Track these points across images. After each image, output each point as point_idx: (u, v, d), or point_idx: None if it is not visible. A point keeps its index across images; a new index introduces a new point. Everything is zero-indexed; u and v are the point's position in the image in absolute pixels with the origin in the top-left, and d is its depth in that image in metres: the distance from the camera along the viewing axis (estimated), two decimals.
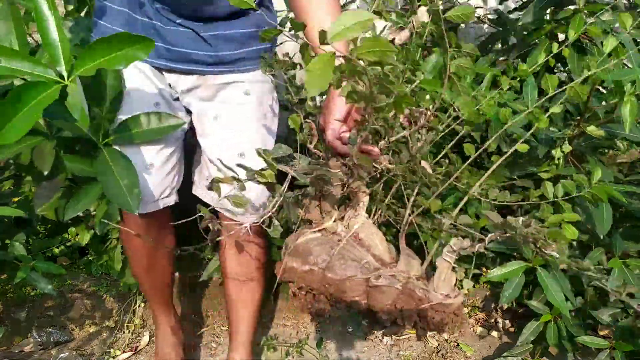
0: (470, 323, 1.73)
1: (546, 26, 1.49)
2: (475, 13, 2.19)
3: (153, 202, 1.15)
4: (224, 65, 1.14)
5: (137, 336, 1.64)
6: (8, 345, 1.56)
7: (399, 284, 0.83)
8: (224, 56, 1.13)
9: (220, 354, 1.60)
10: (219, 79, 1.15)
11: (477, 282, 1.80)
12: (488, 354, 1.60)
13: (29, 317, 1.65)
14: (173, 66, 1.12)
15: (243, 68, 1.16)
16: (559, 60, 1.66)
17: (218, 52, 1.12)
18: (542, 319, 1.31)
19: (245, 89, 1.17)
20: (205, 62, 1.12)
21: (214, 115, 1.17)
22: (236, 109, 1.17)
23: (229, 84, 1.16)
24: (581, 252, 1.38)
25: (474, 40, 2.08)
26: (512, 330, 1.69)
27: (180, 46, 1.10)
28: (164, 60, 1.11)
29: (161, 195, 1.16)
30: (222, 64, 1.14)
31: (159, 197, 1.15)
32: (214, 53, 1.12)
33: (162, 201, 1.17)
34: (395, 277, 0.83)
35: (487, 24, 2.20)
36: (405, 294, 0.83)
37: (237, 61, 1.15)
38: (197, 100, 1.18)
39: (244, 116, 1.18)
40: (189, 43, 1.10)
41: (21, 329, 1.61)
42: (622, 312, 1.34)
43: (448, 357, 1.58)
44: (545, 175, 1.23)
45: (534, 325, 1.34)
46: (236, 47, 1.13)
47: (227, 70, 1.15)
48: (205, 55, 1.11)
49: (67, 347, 1.58)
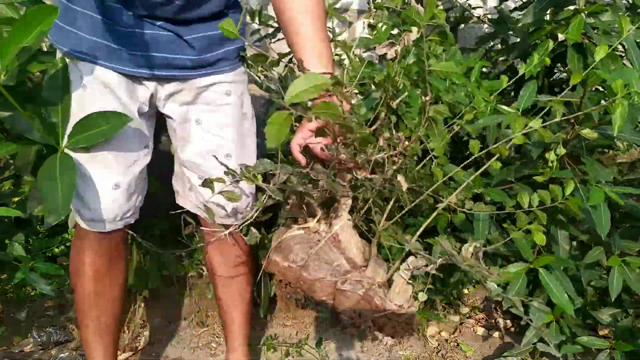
0: (470, 323, 1.73)
1: (546, 26, 1.49)
2: (475, 13, 2.20)
3: (115, 221, 1.12)
4: (205, 67, 1.14)
5: (137, 336, 1.64)
6: (8, 345, 1.57)
7: (361, 290, 0.91)
8: (206, 58, 1.12)
9: (220, 354, 1.60)
10: (200, 81, 1.15)
11: (477, 282, 1.80)
12: (488, 354, 1.61)
13: (29, 317, 1.65)
14: (154, 74, 1.10)
15: (223, 68, 1.16)
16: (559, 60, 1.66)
17: (200, 55, 1.11)
18: (545, 319, 1.31)
19: (226, 89, 1.17)
20: (186, 66, 1.11)
21: (196, 118, 1.17)
22: (219, 110, 1.17)
23: (210, 85, 1.16)
24: (581, 251, 1.38)
25: (474, 40, 2.08)
26: (512, 330, 1.69)
27: (161, 52, 1.08)
28: (144, 69, 1.09)
29: (124, 215, 1.13)
30: (203, 66, 1.13)
31: (123, 216, 1.13)
32: (195, 57, 1.11)
33: (124, 220, 1.14)
34: (360, 283, 0.92)
35: (487, 24, 2.20)
36: (365, 299, 0.91)
37: (217, 62, 1.15)
38: (178, 105, 1.17)
39: (227, 117, 1.18)
40: (170, 48, 1.08)
41: (21, 329, 1.61)
42: (622, 312, 1.34)
43: (448, 357, 1.58)
44: (539, 178, 1.23)
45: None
46: (217, 48, 1.13)
47: (208, 72, 1.14)
48: (187, 59, 1.10)
49: (67, 347, 1.58)
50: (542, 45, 1.46)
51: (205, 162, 1.17)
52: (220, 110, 1.18)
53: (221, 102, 1.17)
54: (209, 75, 1.15)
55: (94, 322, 1.23)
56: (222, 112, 1.18)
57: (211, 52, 1.13)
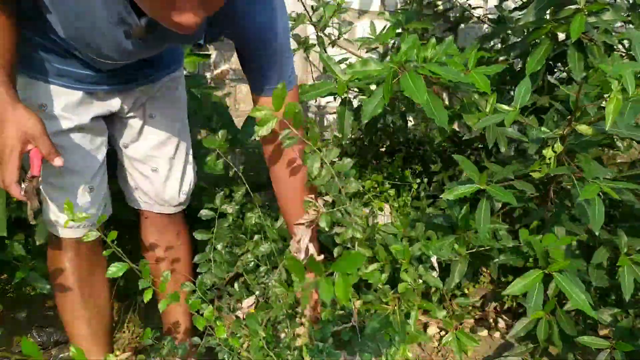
0: (470, 323, 1.73)
1: (546, 26, 1.49)
2: (475, 13, 2.20)
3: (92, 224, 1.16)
4: (162, 73, 1.20)
5: (137, 336, 1.64)
6: (8, 345, 1.56)
7: None
8: (163, 67, 1.20)
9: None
10: (157, 85, 1.20)
11: (477, 283, 1.80)
12: (488, 354, 1.60)
13: (29, 317, 1.65)
14: (114, 88, 1.12)
15: (174, 67, 1.24)
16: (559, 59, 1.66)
17: (159, 70, 1.19)
18: (534, 316, 1.30)
19: (176, 85, 1.26)
20: (146, 77, 1.17)
21: (149, 114, 1.22)
22: (172, 105, 1.26)
23: (165, 84, 1.22)
24: (582, 251, 1.37)
25: (474, 40, 2.08)
26: None
27: (120, 72, 1.10)
28: (104, 86, 1.11)
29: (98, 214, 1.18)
30: (161, 73, 1.20)
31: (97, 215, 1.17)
32: (155, 72, 1.18)
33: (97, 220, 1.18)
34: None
35: (487, 23, 2.20)
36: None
37: (171, 64, 1.22)
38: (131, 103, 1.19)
39: (177, 109, 1.28)
40: (131, 70, 1.12)
41: (21, 329, 1.61)
42: (622, 312, 1.34)
43: (448, 357, 1.58)
44: (536, 175, 1.23)
45: (525, 321, 1.34)
46: (172, 53, 1.22)
47: (163, 74, 1.21)
48: (146, 72, 1.16)
49: (67, 347, 1.58)
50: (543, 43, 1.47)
51: (159, 153, 1.25)
52: (174, 105, 1.26)
53: (173, 98, 1.25)
54: (165, 76, 1.21)
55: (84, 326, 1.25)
56: (172, 105, 1.26)
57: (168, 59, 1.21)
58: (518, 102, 1.20)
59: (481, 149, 1.97)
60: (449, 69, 1.15)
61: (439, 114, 1.14)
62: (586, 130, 1.06)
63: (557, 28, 1.46)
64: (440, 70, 1.13)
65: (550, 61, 1.70)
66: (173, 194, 1.29)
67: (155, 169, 1.25)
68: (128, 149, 1.24)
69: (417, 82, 1.12)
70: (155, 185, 1.27)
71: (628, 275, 1.21)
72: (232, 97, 2.51)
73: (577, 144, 1.26)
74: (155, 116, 1.22)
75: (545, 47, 1.48)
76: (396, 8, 2.53)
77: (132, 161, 1.25)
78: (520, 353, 1.40)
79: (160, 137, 1.24)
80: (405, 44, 1.20)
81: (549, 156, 1.17)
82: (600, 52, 1.41)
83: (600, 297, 1.43)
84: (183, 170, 1.30)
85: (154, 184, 1.27)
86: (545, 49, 1.48)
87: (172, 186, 1.28)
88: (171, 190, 1.28)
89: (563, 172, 1.18)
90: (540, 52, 1.47)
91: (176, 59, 1.25)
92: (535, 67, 1.48)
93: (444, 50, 1.24)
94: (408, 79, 1.13)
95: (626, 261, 1.20)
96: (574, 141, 1.25)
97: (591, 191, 1.08)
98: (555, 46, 1.54)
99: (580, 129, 1.06)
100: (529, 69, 1.48)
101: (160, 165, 1.26)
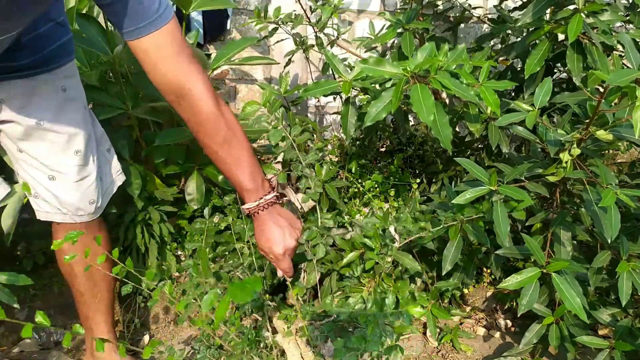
0: (470, 323, 1.73)
1: (545, 26, 1.49)
2: (475, 13, 2.20)
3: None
4: (32, 68, 1.07)
5: (137, 336, 1.64)
6: (8, 345, 1.57)
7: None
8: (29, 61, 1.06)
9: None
10: (29, 82, 1.07)
11: (477, 282, 1.80)
12: (488, 354, 1.60)
13: (29, 317, 1.65)
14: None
15: (54, 65, 1.10)
16: (559, 59, 1.66)
17: (21, 61, 1.05)
18: (545, 321, 1.31)
19: (62, 86, 1.13)
20: (10, 68, 1.04)
21: (35, 121, 1.10)
22: (60, 109, 1.13)
23: (42, 84, 1.09)
24: (585, 254, 1.37)
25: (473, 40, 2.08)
26: (512, 330, 1.69)
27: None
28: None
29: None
30: (39, 66, 1.07)
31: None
32: (17, 63, 1.04)
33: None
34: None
35: (487, 23, 2.20)
36: None
37: (49, 60, 1.09)
38: (16, 113, 1.08)
39: (74, 115, 1.15)
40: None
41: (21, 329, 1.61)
42: (622, 312, 1.34)
43: (448, 357, 1.58)
44: (552, 178, 1.21)
45: (536, 328, 1.34)
46: (44, 46, 1.08)
47: (36, 72, 1.08)
48: (6, 66, 1.03)
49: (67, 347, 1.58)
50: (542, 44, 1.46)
51: (56, 158, 1.15)
52: (64, 108, 1.13)
53: (60, 101, 1.13)
54: (39, 74, 1.09)
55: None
56: (65, 109, 1.14)
57: (44, 51, 1.08)
58: (538, 102, 1.19)
59: (481, 149, 1.97)
60: (459, 84, 1.14)
61: (444, 134, 1.13)
62: (605, 136, 1.05)
63: (556, 29, 1.46)
64: (451, 84, 1.11)
65: (550, 62, 1.70)
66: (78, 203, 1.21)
67: (52, 177, 1.17)
68: (22, 159, 1.17)
69: (427, 99, 1.10)
70: (57, 194, 1.19)
71: (626, 281, 1.21)
72: (232, 97, 2.51)
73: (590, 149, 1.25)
74: (44, 122, 1.10)
75: (544, 48, 1.48)
76: (396, 8, 2.53)
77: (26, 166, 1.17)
78: (521, 353, 1.40)
79: (54, 146, 1.14)
80: (423, 51, 1.18)
81: (566, 160, 1.14)
82: (599, 53, 1.41)
83: (600, 297, 1.43)
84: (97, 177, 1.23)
85: (55, 192, 1.19)
86: (544, 49, 1.48)
87: (75, 196, 1.20)
88: (74, 199, 1.19)
89: (579, 177, 1.16)
90: (539, 53, 1.47)
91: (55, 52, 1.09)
92: (535, 67, 1.48)
93: (455, 58, 1.23)
94: (418, 93, 1.12)
95: (626, 267, 1.20)
96: (589, 145, 1.24)
97: (609, 198, 1.06)
98: (555, 46, 1.54)
99: (599, 134, 1.04)
100: (528, 70, 1.48)
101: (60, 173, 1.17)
